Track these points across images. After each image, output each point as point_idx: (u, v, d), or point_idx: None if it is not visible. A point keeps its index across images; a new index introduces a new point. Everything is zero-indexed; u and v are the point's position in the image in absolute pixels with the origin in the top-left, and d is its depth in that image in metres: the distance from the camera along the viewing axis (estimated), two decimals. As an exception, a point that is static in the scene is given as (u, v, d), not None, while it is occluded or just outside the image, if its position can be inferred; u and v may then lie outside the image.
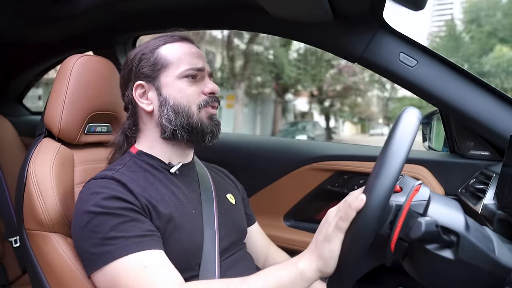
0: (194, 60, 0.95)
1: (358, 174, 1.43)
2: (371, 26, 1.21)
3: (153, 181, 0.91)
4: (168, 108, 0.92)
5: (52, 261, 0.92)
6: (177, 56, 0.94)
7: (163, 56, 0.94)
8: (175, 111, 0.92)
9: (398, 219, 0.68)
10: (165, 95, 0.93)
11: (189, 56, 0.95)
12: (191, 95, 0.93)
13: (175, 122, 0.92)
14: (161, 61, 0.94)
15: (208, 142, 0.96)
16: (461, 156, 1.31)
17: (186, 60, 0.94)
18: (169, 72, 0.93)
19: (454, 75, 1.19)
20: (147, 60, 0.94)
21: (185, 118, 0.92)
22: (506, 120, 1.15)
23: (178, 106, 0.92)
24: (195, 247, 0.90)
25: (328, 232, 0.71)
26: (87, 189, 0.87)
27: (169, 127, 0.93)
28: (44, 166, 0.97)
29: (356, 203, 0.67)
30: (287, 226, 1.54)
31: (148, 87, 0.94)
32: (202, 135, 0.94)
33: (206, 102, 0.94)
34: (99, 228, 0.80)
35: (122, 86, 1.00)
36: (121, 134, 1.00)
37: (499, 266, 0.67)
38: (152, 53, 0.94)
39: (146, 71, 0.94)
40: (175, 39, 0.97)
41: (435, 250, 0.66)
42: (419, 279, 0.72)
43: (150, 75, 0.94)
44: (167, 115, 0.92)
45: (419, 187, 0.72)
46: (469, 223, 0.69)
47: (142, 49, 0.96)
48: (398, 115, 0.72)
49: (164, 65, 0.93)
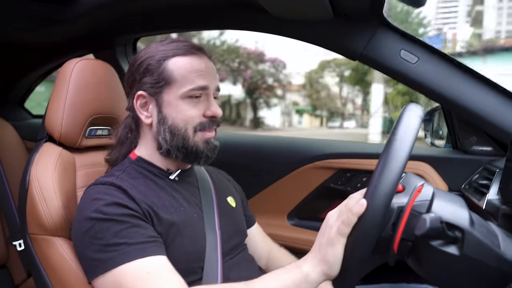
0: (199, 79, 0.90)
1: (361, 172, 1.43)
2: (372, 23, 1.21)
3: (153, 187, 0.91)
4: (165, 128, 0.91)
5: (56, 264, 0.92)
6: (183, 73, 0.90)
7: (168, 71, 0.90)
8: (172, 132, 0.91)
9: (400, 221, 0.67)
10: (165, 114, 0.91)
11: (195, 74, 0.90)
12: (190, 117, 0.91)
13: (171, 143, 0.91)
14: (165, 77, 0.90)
15: (202, 164, 0.95)
16: (464, 152, 1.30)
17: (192, 79, 0.90)
18: (171, 90, 0.90)
19: (455, 71, 1.18)
20: (152, 74, 0.91)
21: (181, 140, 0.91)
22: (509, 115, 1.14)
23: (176, 127, 0.90)
24: (198, 251, 0.89)
25: (330, 236, 0.71)
26: (87, 195, 0.86)
27: (165, 145, 0.91)
28: (46, 170, 0.97)
29: (357, 208, 0.67)
30: (291, 225, 1.54)
31: (150, 100, 0.92)
32: (196, 158, 0.93)
33: (203, 126, 0.91)
34: (101, 235, 0.79)
35: (126, 88, 0.98)
36: (123, 131, 0.99)
37: (505, 261, 0.66)
38: (158, 66, 0.90)
39: (149, 85, 0.91)
40: (186, 51, 0.92)
41: (440, 246, 0.66)
42: (424, 275, 0.71)
43: (152, 90, 0.91)
44: (164, 134, 0.91)
45: (421, 187, 0.71)
46: (474, 218, 0.69)
47: (148, 57, 0.92)
48: (399, 114, 0.72)
49: (168, 82, 0.90)
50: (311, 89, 20.41)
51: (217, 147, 0.95)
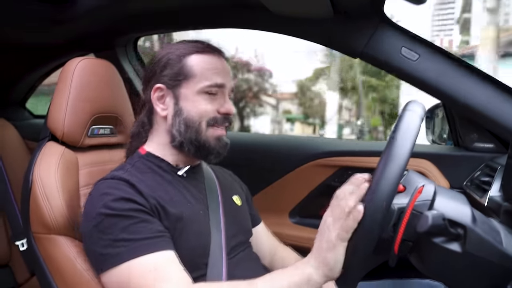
0: (217, 76, 0.94)
1: (363, 170, 1.42)
2: (372, 21, 1.21)
3: (161, 182, 0.92)
4: (180, 120, 0.93)
5: (60, 263, 0.93)
6: (201, 69, 0.93)
7: (188, 66, 0.93)
8: (186, 125, 0.93)
9: (401, 222, 0.67)
10: (181, 106, 0.93)
11: (213, 71, 0.94)
12: (205, 112, 0.93)
13: (184, 136, 0.93)
14: (185, 72, 0.93)
15: (212, 161, 0.97)
16: (466, 149, 1.30)
17: (209, 75, 0.93)
18: (189, 84, 0.93)
19: (456, 68, 1.18)
20: (172, 67, 0.94)
21: (194, 133, 0.93)
22: (510, 112, 1.14)
23: (190, 120, 0.93)
24: (202, 247, 0.90)
25: (330, 240, 0.71)
26: (97, 190, 0.88)
27: (178, 138, 0.94)
28: (49, 169, 0.97)
29: (355, 214, 0.68)
30: (292, 223, 1.54)
31: (167, 92, 0.95)
32: (207, 154, 0.95)
33: (215, 120, 0.94)
34: (109, 230, 0.80)
35: (144, 82, 1.01)
36: (137, 127, 1.01)
37: (507, 257, 0.66)
38: (179, 61, 0.94)
39: (169, 78, 0.94)
40: (205, 49, 0.96)
41: (442, 243, 0.66)
42: (426, 272, 0.72)
43: (171, 83, 0.94)
44: (178, 126, 0.93)
45: (422, 188, 0.71)
46: (476, 215, 0.69)
47: (169, 52, 0.95)
48: (400, 114, 0.71)
49: (187, 77, 0.93)
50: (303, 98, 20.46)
51: (228, 145, 0.97)
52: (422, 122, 0.70)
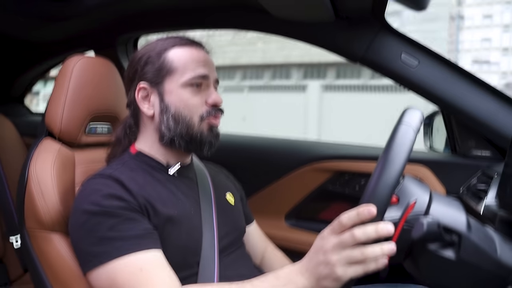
0: (200, 68, 0.93)
1: (359, 174, 1.43)
2: (373, 26, 1.21)
3: (151, 181, 0.91)
4: (168, 116, 0.92)
5: (53, 260, 0.92)
6: (183, 62, 0.92)
7: (169, 61, 0.92)
8: (176, 120, 0.92)
9: (392, 236, 0.66)
10: (167, 102, 0.92)
11: (195, 63, 0.93)
12: (194, 105, 0.92)
13: (175, 131, 0.92)
14: (166, 67, 0.92)
15: (205, 152, 0.95)
16: (463, 156, 1.31)
17: (192, 67, 0.92)
18: (173, 78, 0.92)
19: (455, 75, 1.19)
20: (153, 64, 0.93)
21: (185, 128, 0.92)
22: (508, 120, 1.15)
23: (179, 115, 0.92)
24: (194, 245, 0.89)
25: (333, 272, 0.68)
26: (85, 187, 0.87)
27: (168, 134, 0.92)
28: (45, 166, 0.97)
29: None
30: (288, 226, 1.54)
31: (151, 90, 0.93)
32: (200, 146, 0.94)
33: (209, 113, 0.93)
34: (97, 228, 0.80)
35: (126, 84, 0.99)
36: (122, 130, 1.00)
37: (501, 266, 0.66)
38: (159, 57, 0.93)
39: (151, 75, 0.93)
40: (184, 42, 0.95)
41: (437, 250, 0.66)
42: (420, 279, 0.71)
43: (154, 80, 0.93)
44: (167, 123, 0.92)
45: (414, 204, 0.69)
46: (471, 223, 0.69)
47: (149, 50, 0.94)
48: (396, 122, 0.69)
49: (169, 71, 0.92)
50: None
51: (219, 135, 0.96)
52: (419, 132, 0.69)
